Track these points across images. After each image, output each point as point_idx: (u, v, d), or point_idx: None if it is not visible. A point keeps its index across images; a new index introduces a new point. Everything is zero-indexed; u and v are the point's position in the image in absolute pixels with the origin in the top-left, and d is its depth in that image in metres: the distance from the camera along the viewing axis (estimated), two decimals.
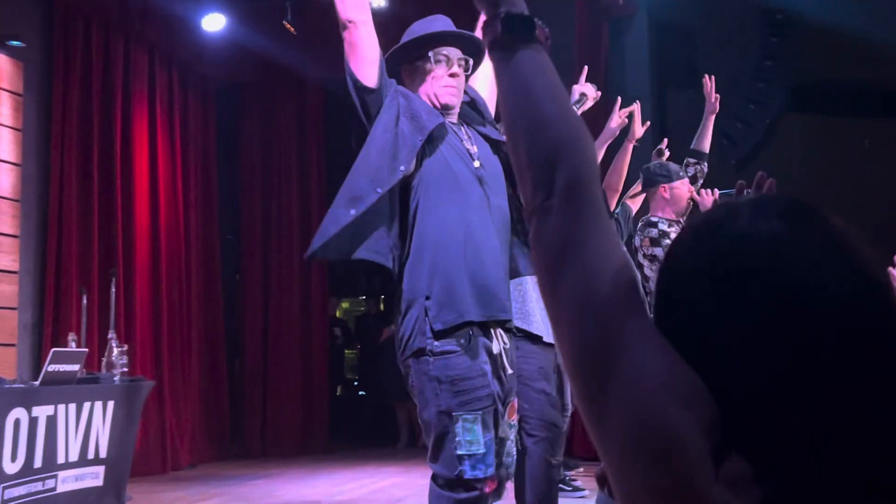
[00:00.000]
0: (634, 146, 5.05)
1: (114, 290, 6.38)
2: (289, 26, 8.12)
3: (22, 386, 5.03)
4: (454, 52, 2.80)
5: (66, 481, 5.20)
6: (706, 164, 5.38)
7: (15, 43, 6.81)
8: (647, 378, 0.78)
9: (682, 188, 4.93)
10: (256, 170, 9.47)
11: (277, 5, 8.17)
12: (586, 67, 4.80)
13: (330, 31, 9.53)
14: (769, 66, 8.97)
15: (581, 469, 7.18)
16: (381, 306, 10.89)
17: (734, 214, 0.82)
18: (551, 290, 0.87)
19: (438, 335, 2.47)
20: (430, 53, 2.77)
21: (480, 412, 2.41)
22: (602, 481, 0.94)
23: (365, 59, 2.68)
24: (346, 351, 11.41)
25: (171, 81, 8.36)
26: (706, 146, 5.35)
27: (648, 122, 5.07)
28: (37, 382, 5.04)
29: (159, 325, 7.81)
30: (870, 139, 9.05)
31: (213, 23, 8.17)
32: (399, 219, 2.60)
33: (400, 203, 2.61)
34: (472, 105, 2.91)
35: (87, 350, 5.72)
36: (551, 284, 0.87)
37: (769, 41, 8.94)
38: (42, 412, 5.01)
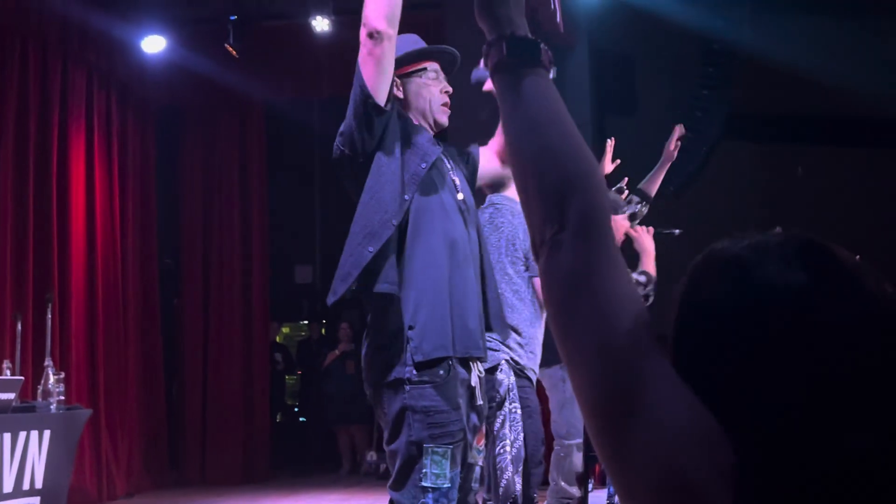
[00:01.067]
0: None
1: (49, 315, 6.22)
2: (231, 49, 8.08)
3: None
4: (435, 66, 2.79)
5: None
6: (648, 206, 5.49)
7: None
8: (668, 422, 0.77)
9: (619, 222, 4.99)
10: (197, 192, 9.35)
11: (219, 28, 8.13)
12: (613, 140, 5.04)
13: (271, 54, 9.55)
14: (706, 94, 9.19)
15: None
16: (323, 331, 10.81)
17: (763, 259, 0.83)
18: (564, 327, 0.85)
19: (419, 366, 2.44)
20: (427, 66, 2.76)
21: (451, 447, 2.40)
22: None
23: (384, 76, 2.56)
24: (287, 377, 11.28)
25: (110, 103, 8.23)
26: (654, 190, 5.51)
27: (618, 161, 5.12)
28: None
29: (95, 351, 7.63)
30: (803, 167, 9.32)
31: (154, 45, 8.08)
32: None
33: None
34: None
35: (22, 378, 5.55)
36: (564, 321, 0.85)
37: (706, 70, 9.16)
38: None
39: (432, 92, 2.75)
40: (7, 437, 5.09)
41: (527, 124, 0.93)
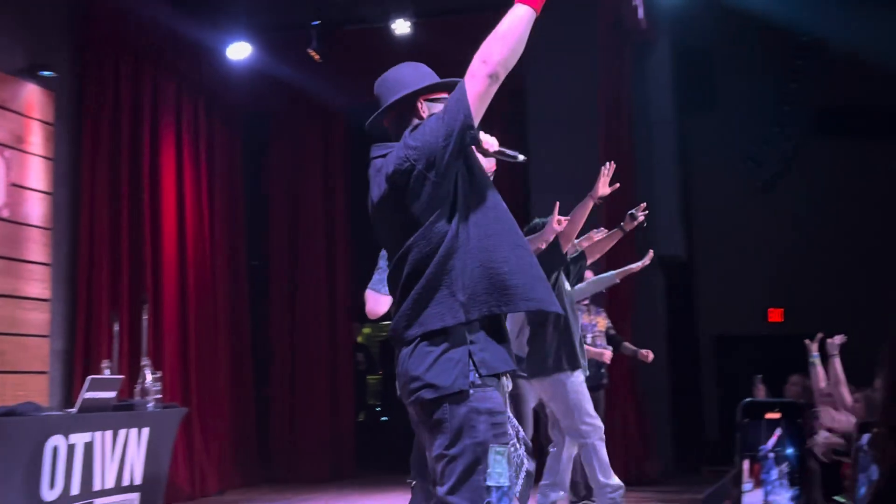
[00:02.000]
0: (596, 203, 5.14)
1: (144, 317, 6.41)
2: (314, 54, 8.20)
3: (60, 414, 5.05)
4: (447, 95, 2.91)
5: None
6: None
7: (46, 73, 6.91)
8: None
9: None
10: (282, 196, 9.53)
11: (302, 34, 8.26)
12: (612, 164, 5.04)
13: (353, 58, 9.66)
14: (794, 88, 9.00)
15: None
16: None
17: None
18: None
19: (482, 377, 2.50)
20: (445, 96, 2.83)
21: (507, 446, 2.46)
22: None
23: (482, 111, 2.68)
24: (369, 377, 11.40)
25: (198, 110, 8.44)
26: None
27: (617, 185, 5.07)
28: (74, 410, 5.07)
29: (187, 351, 7.84)
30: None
31: (239, 52, 8.25)
32: None
33: None
34: None
35: (122, 377, 5.74)
36: None
37: (794, 64, 8.96)
38: (80, 439, 5.03)
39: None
40: (108, 434, 5.27)
41: None
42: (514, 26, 2.58)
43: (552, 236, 5.01)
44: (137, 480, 5.50)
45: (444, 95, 2.83)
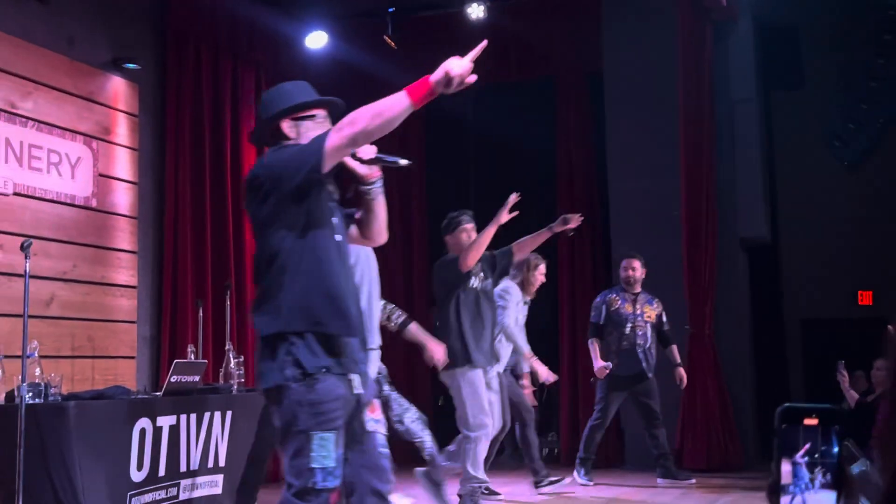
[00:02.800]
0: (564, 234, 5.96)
1: (228, 302, 6.56)
2: (389, 41, 8.24)
3: (147, 397, 5.20)
4: (323, 113, 3.18)
5: (188, 489, 5.36)
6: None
7: (131, 66, 7.10)
8: None
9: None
10: None
11: (378, 21, 8.30)
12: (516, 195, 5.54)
13: (428, 44, 9.70)
14: (881, 64, 8.67)
15: (693, 481, 7.05)
16: None
17: None
18: None
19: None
20: (317, 112, 3.14)
21: (334, 431, 2.85)
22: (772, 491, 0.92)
23: (334, 163, 2.96)
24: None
25: None
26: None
27: (516, 212, 5.59)
28: (160, 393, 5.22)
29: None
30: None
31: (316, 40, 8.34)
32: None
33: None
34: None
35: (206, 361, 5.89)
36: None
37: (881, 38, 8.64)
38: (165, 422, 5.18)
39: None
40: (193, 417, 5.41)
41: None
42: (391, 109, 2.90)
43: (494, 230, 5.47)
44: (222, 462, 5.63)
45: (316, 112, 3.13)
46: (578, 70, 8.97)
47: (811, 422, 0.89)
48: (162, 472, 5.04)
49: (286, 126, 3.12)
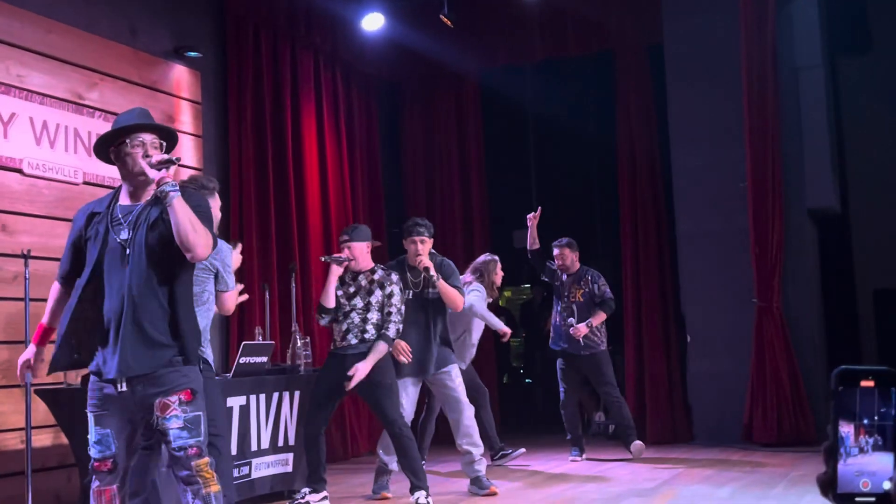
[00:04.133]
0: None
1: (293, 284, 6.64)
2: (445, 20, 8.21)
3: (217, 378, 5.30)
4: (149, 137, 3.37)
5: (259, 468, 5.47)
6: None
7: (192, 54, 7.21)
8: None
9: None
10: (419, 163, 9.66)
11: (433, 1, 8.28)
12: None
13: (484, 21, 9.63)
14: None
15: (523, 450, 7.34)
16: (545, 293, 10.86)
17: None
18: None
19: None
20: (128, 140, 3.34)
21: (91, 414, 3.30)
22: (825, 486, 0.90)
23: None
24: (511, 339, 11.45)
25: (336, 82, 8.62)
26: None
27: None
28: (230, 375, 5.32)
29: None
30: None
31: (373, 22, 8.36)
32: None
33: None
34: None
35: (273, 342, 5.98)
36: None
37: None
38: (236, 402, 5.29)
39: (134, 158, 3.33)
40: (262, 397, 5.51)
41: None
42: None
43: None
44: (291, 441, 5.73)
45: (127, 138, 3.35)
46: (637, 43, 8.85)
47: (868, 384, 0.88)
48: (234, 451, 5.15)
49: (113, 155, 3.43)
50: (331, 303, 5.37)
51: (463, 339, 6.86)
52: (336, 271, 5.38)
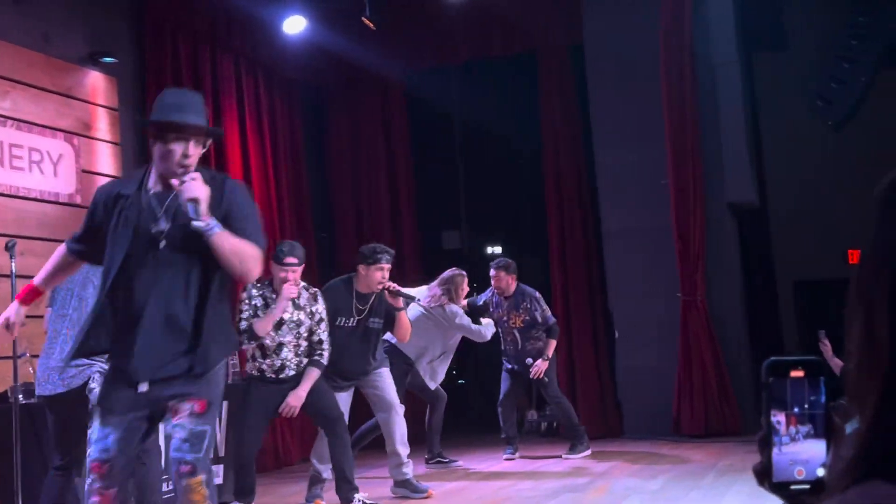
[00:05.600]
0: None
1: None
2: (368, 22, 8.17)
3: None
4: (192, 142, 3.16)
5: None
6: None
7: (108, 59, 7.04)
8: None
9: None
10: (345, 167, 9.60)
11: (356, 3, 8.23)
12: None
13: (408, 23, 9.60)
14: (862, 21, 8.66)
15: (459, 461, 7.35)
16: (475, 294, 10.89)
17: None
18: None
19: None
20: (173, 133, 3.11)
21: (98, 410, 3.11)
22: (761, 475, 0.92)
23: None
24: None
25: (258, 86, 8.51)
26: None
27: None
28: None
29: None
30: None
31: (294, 25, 8.27)
32: None
33: None
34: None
35: None
36: None
37: None
38: None
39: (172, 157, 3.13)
40: None
41: None
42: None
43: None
44: (221, 452, 5.63)
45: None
46: (560, 43, 8.94)
47: (797, 374, 0.90)
48: (161, 466, 5.03)
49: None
50: (264, 333, 5.13)
51: (441, 359, 6.80)
52: (286, 302, 5.14)
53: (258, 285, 5.24)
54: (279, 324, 5.18)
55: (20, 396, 4.50)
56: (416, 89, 9.82)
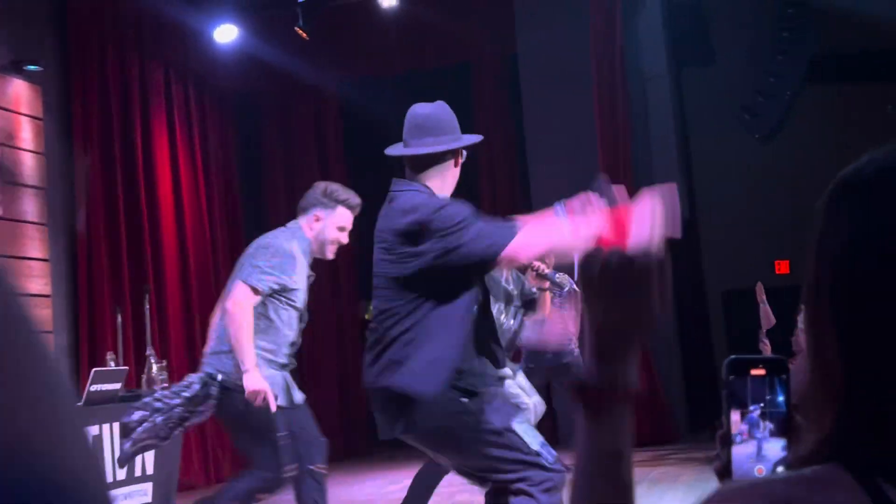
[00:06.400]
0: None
1: (147, 306, 6.39)
2: (301, 32, 8.11)
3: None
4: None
5: (117, 500, 5.21)
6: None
7: (32, 67, 6.85)
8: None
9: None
10: (278, 177, 9.49)
11: (288, 12, 8.17)
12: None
13: (341, 34, 9.54)
14: (786, 37, 8.87)
15: None
16: None
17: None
18: None
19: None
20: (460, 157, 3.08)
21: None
22: (721, 473, 0.92)
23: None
24: None
25: (188, 95, 8.38)
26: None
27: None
28: (80, 403, 5.05)
29: (192, 338, 7.81)
30: (893, 104, 8.93)
31: (226, 34, 8.17)
32: None
33: None
34: None
35: (127, 368, 5.72)
36: None
37: (785, 12, 8.84)
38: (88, 432, 5.02)
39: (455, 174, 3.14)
40: (116, 426, 5.25)
41: (585, 475, 1.02)
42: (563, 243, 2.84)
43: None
44: (150, 470, 5.50)
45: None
46: (494, 54, 8.99)
47: (758, 372, 0.91)
48: None
49: (452, 163, 3.06)
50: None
51: None
52: None
53: None
54: None
55: None
56: (350, 99, 9.77)
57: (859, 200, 0.81)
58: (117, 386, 5.25)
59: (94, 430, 5.08)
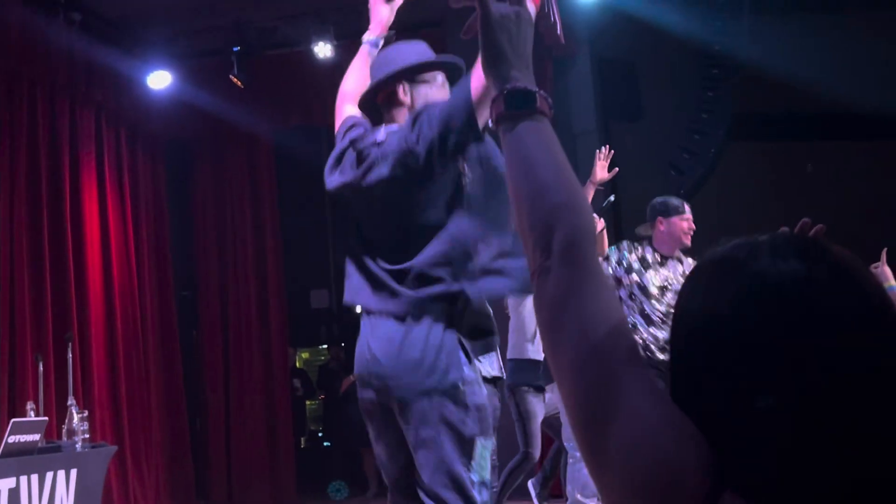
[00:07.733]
0: (599, 188, 5.26)
1: (70, 355, 6.26)
2: (236, 80, 8.14)
3: None
4: (443, 76, 2.90)
5: None
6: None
7: None
8: (646, 421, 0.82)
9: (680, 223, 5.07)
10: (210, 224, 9.42)
11: (223, 60, 8.20)
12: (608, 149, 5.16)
13: (276, 83, 9.58)
14: (710, 96, 9.19)
15: None
16: (343, 355, 10.81)
17: (754, 254, 0.85)
18: (552, 344, 0.92)
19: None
20: (437, 74, 2.86)
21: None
22: None
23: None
24: (308, 402, 11.28)
25: (119, 141, 8.31)
26: None
27: (616, 169, 5.19)
28: None
29: (118, 387, 7.67)
30: (812, 163, 9.29)
31: (159, 80, 8.15)
32: None
33: None
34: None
35: (46, 419, 5.58)
36: (552, 338, 0.92)
37: (710, 72, 9.16)
38: (4, 485, 4.88)
39: (437, 99, 2.79)
40: (35, 478, 5.12)
41: (522, 168, 1.01)
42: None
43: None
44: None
45: (436, 75, 2.85)
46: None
47: None
48: None
49: (402, 89, 2.83)
50: None
51: None
52: None
53: None
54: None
55: None
56: (284, 147, 9.78)
57: (694, 281, 0.90)
58: (37, 437, 5.12)
59: (10, 482, 4.94)
